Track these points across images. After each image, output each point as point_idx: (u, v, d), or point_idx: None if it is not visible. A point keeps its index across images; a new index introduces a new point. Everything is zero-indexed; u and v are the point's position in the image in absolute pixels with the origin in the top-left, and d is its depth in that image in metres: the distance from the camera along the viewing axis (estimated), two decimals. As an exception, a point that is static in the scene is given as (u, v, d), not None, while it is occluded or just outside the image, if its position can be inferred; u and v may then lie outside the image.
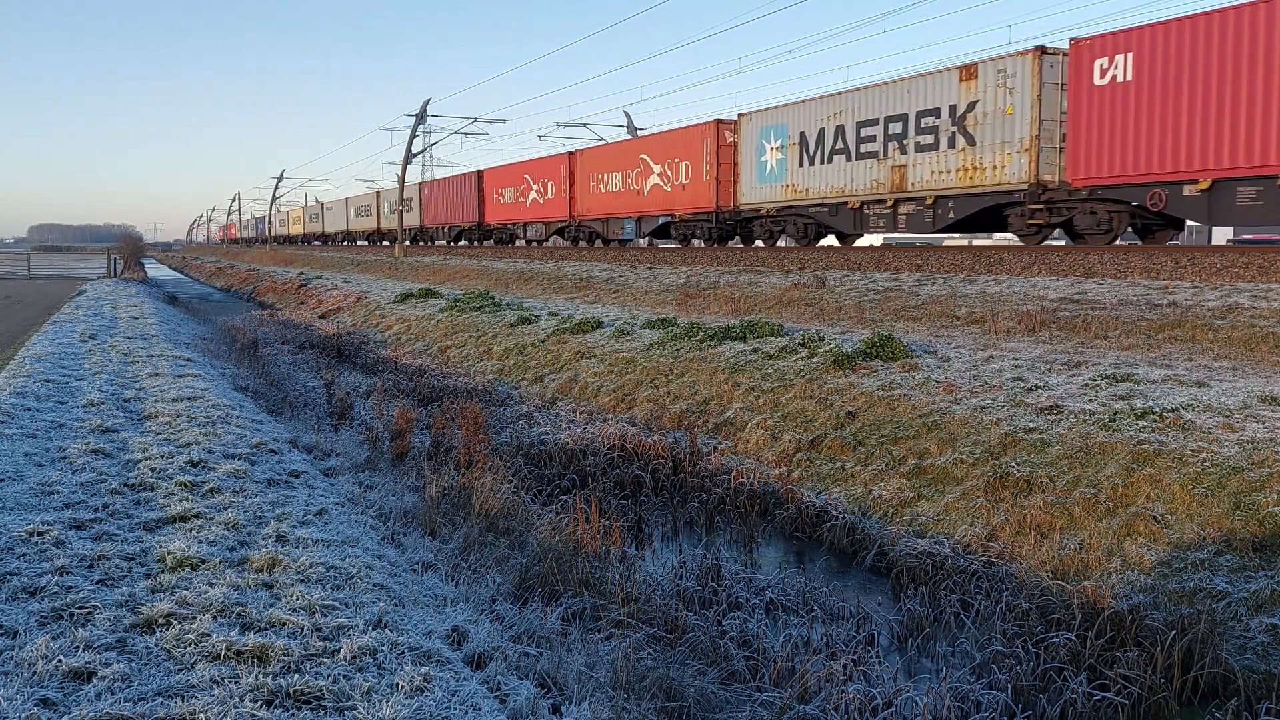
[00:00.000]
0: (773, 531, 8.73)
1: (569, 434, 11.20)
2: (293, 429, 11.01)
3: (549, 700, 4.52)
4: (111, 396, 10.66)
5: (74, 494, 6.75)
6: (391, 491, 8.37)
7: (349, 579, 5.45)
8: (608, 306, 20.76)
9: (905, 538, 7.72)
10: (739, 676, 5.54)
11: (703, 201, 29.00)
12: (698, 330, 14.14)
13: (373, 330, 23.95)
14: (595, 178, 35.92)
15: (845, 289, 17.56)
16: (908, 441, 9.03)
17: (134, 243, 77.83)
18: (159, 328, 19.48)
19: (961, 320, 14.13)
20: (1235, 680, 5.36)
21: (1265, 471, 6.61)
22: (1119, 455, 7.43)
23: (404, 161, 48.67)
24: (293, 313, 30.96)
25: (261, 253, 79.32)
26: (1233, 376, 9.11)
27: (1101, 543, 6.77)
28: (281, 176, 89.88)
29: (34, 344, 15.54)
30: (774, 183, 25.85)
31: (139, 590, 5.04)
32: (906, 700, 5.18)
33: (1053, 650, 5.73)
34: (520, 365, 16.20)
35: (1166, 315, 11.98)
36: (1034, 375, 9.76)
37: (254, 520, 6.40)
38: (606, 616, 5.95)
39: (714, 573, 7.14)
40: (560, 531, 7.27)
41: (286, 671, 4.19)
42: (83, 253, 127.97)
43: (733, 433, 10.86)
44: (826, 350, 11.71)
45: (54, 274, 55.27)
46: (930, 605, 6.65)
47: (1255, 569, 5.97)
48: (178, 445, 8.35)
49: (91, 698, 3.86)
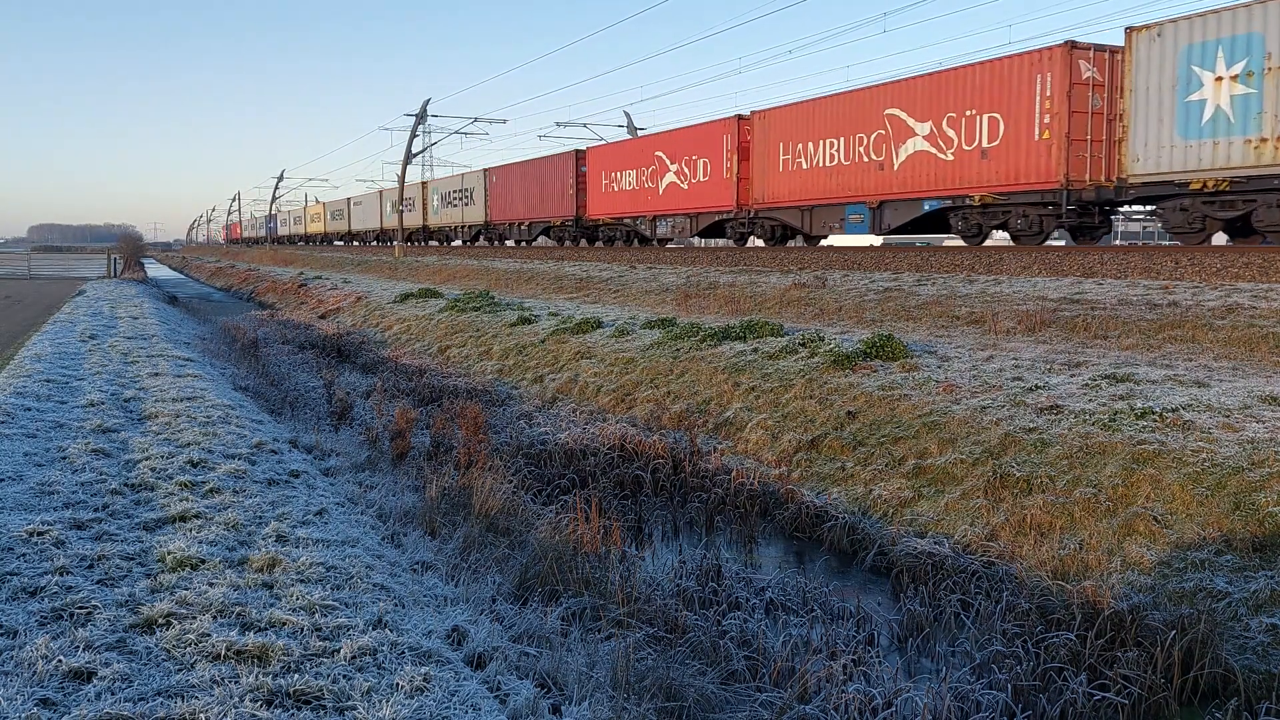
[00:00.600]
0: (773, 531, 8.73)
1: (569, 434, 11.19)
2: (293, 429, 11.01)
3: (549, 700, 4.52)
4: (111, 396, 10.66)
5: (74, 494, 6.74)
6: (391, 491, 8.37)
7: (349, 579, 5.45)
8: (608, 306, 20.76)
9: (905, 538, 7.72)
10: (739, 676, 5.54)
11: (1044, 171, 18.27)
12: (698, 330, 14.14)
13: (373, 330, 23.95)
14: (789, 148, 24.59)
15: (845, 289, 17.56)
16: (908, 441, 9.02)
17: (134, 243, 77.86)
18: (159, 328, 19.48)
19: (961, 320, 14.13)
20: (1235, 680, 5.36)
21: (1265, 471, 6.61)
22: (1119, 455, 7.43)
23: (404, 161, 48.68)
24: (293, 313, 30.96)
25: (261, 253, 79.31)
26: (1233, 376, 9.11)
27: (1101, 543, 6.76)
28: (281, 176, 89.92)
29: (34, 344, 15.54)
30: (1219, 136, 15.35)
31: (139, 590, 5.04)
32: (906, 700, 5.18)
33: (1053, 650, 5.72)
34: (520, 365, 16.20)
35: (1166, 315, 11.98)
36: (1034, 375, 9.76)
37: (254, 520, 6.40)
38: (606, 616, 5.95)
39: (714, 573, 7.14)
40: (560, 531, 7.27)
41: (286, 671, 4.19)
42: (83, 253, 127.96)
43: (733, 433, 10.86)
44: (826, 350, 11.71)
45: (54, 274, 55.27)
46: (930, 605, 6.65)
47: (1255, 569, 5.97)
48: (178, 445, 8.35)
49: (91, 698, 3.86)
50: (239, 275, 53.88)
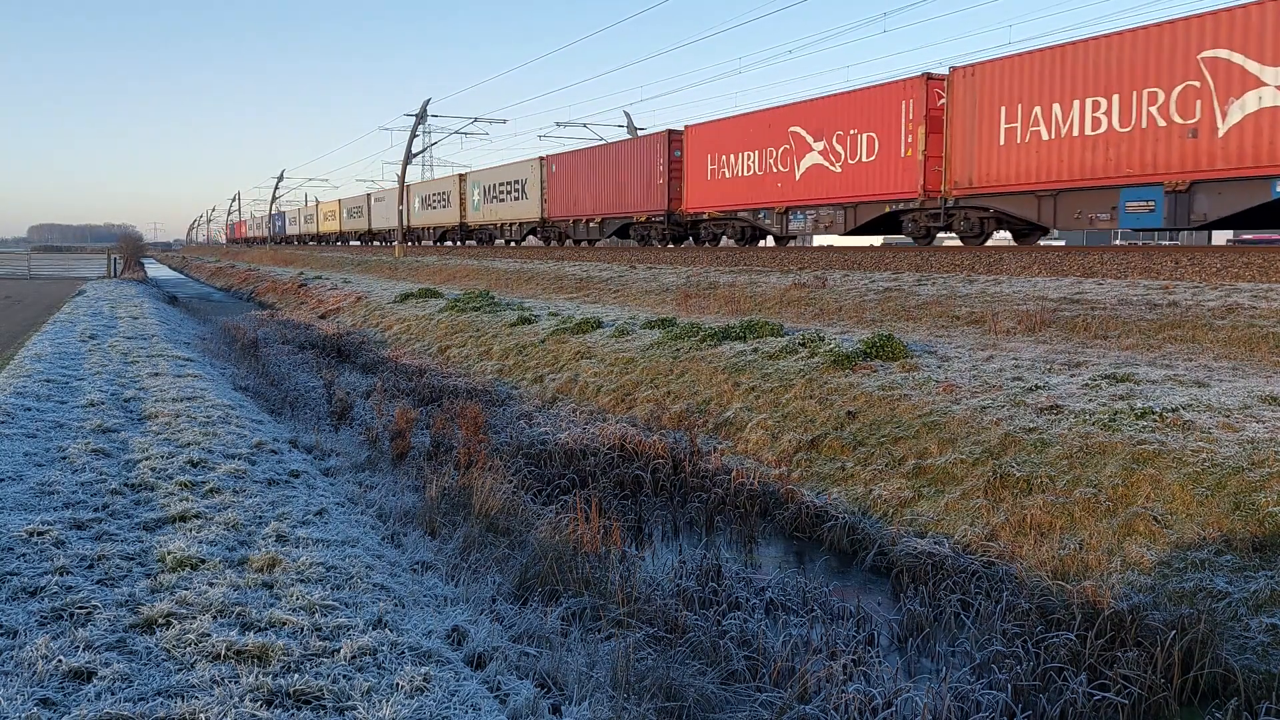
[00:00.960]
0: (773, 531, 8.73)
1: (569, 434, 11.19)
2: (293, 429, 11.01)
3: (549, 700, 4.52)
4: (111, 396, 10.66)
5: (74, 494, 6.74)
6: (391, 491, 8.37)
7: (349, 579, 5.45)
8: (608, 306, 20.76)
9: (905, 538, 7.72)
10: (739, 676, 5.54)
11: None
12: (698, 330, 14.14)
13: (373, 330, 23.95)
14: (1020, 112, 18.32)
15: (845, 289, 17.56)
16: (908, 441, 9.03)
17: (134, 243, 77.82)
18: (159, 328, 19.48)
19: (961, 320, 14.13)
20: (1235, 680, 5.35)
21: (1265, 471, 6.61)
22: (1119, 455, 7.43)
23: (404, 161, 48.69)
24: (293, 313, 30.96)
25: (261, 253, 79.29)
26: (1233, 376, 9.11)
27: (1101, 543, 6.76)
28: (281, 176, 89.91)
29: (34, 344, 15.54)
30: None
31: (139, 590, 5.04)
32: (906, 700, 5.18)
33: (1053, 650, 5.73)
34: (520, 365, 16.20)
35: (1166, 315, 11.98)
36: (1034, 375, 9.76)
37: (254, 520, 6.40)
38: (606, 616, 5.95)
39: (714, 573, 7.14)
40: (560, 531, 7.27)
41: (286, 671, 4.19)
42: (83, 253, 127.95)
43: (733, 433, 10.86)
44: (826, 350, 11.71)
45: (54, 274, 55.27)
46: (930, 605, 6.65)
47: (1255, 569, 5.97)
48: (178, 445, 8.35)
49: (91, 698, 3.86)
50: (239, 275, 53.89)
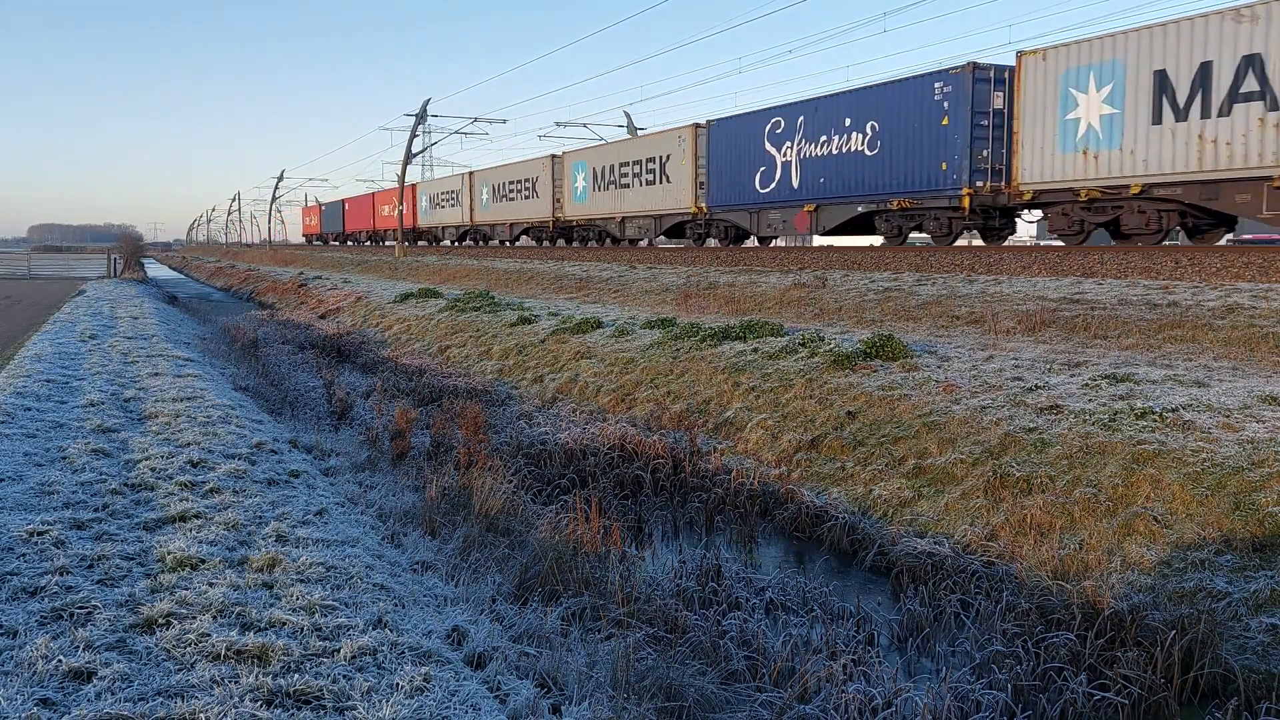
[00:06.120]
0: (773, 531, 8.73)
1: (569, 434, 11.19)
2: (293, 429, 11.01)
3: (549, 700, 4.52)
4: (111, 396, 10.66)
5: (74, 494, 6.74)
6: (391, 491, 8.37)
7: (349, 579, 5.45)
8: (608, 306, 20.76)
9: (905, 538, 7.72)
10: (739, 676, 5.54)
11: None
12: (698, 330, 14.14)
13: (373, 330, 23.95)
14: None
15: (845, 289, 17.56)
16: (908, 441, 9.02)
17: (134, 243, 77.74)
18: (159, 328, 19.48)
19: (961, 320, 14.13)
20: (1235, 680, 5.35)
21: (1265, 471, 6.61)
22: (1119, 455, 7.43)
23: (404, 161, 48.67)
24: (293, 313, 30.95)
25: (261, 253, 79.23)
26: (1233, 376, 9.11)
27: (1101, 543, 6.76)
28: (281, 176, 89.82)
29: (34, 344, 15.54)
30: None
31: (139, 590, 5.04)
32: (906, 700, 5.17)
33: (1053, 650, 5.72)
34: (520, 365, 16.20)
35: (1166, 315, 11.98)
36: (1034, 375, 9.76)
37: (254, 520, 6.40)
38: (606, 616, 5.95)
39: (714, 573, 7.13)
40: (560, 531, 7.27)
41: (286, 671, 4.19)
42: (83, 253, 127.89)
43: (733, 432, 10.85)
44: (826, 350, 11.71)
45: (54, 274, 55.24)
46: (930, 605, 6.64)
47: (1255, 569, 5.97)
48: (178, 445, 8.35)
49: (91, 698, 3.86)
50: (239, 275, 53.88)
